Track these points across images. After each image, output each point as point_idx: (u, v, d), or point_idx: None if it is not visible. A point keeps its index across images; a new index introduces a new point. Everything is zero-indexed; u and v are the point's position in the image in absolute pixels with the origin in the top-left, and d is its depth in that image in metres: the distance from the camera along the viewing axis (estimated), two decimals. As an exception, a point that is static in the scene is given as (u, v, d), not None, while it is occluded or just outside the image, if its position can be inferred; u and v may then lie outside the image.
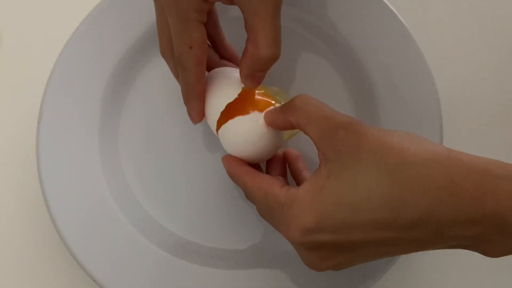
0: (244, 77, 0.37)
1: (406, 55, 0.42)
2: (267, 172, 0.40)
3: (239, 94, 0.37)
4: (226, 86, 0.38)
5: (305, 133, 0.34)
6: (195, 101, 0.38)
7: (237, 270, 0.42)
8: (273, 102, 0.38)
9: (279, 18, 0.35)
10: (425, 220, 0.30)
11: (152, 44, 0.45)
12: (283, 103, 0.37)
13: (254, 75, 0.36)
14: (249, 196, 0.37)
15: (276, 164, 0.40)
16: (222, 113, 0.38)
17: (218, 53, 0.42)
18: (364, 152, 0.31)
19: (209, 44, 0.41)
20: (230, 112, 0.38)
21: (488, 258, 0.31)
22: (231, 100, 0.37)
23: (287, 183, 0.37)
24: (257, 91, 0.39)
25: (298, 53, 0.45)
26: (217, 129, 0.39)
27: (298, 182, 0.39)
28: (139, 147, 0.44)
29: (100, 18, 0.43)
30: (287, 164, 0.40)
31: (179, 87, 0.38)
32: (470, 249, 0.32)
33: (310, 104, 0.34)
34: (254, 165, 0.39)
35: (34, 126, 0.42)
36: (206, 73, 0.39)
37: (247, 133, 0.37)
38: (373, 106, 0.43)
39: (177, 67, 0.37)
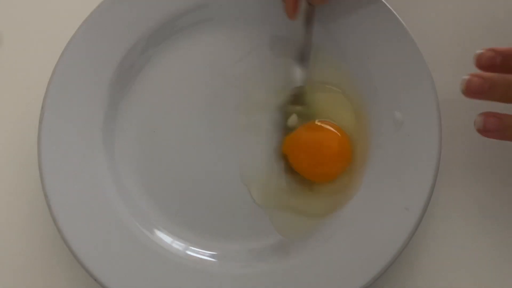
0: None
1: (405, 56, 0.42)
2: None
3: None
4: None
5: None
6: None
7: (238, 269, 0.42)
8: None
9: None
10: None
11: (153, 44, 0.45)
12: None
13: None
14: None
15: None
16: None
17: None
18: None
19: None
20: None
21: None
22: None
23: None
24: None
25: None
26: None
27: None
28: (143, 146, 0.44)
29: (102, 17, 0.43)
30: None
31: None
32: None
33: None
34: None
35: (36, 125, 0.42)
36: None
37: None
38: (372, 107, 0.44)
39: None
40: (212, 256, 0.43)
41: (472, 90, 0.38)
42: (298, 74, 0.44)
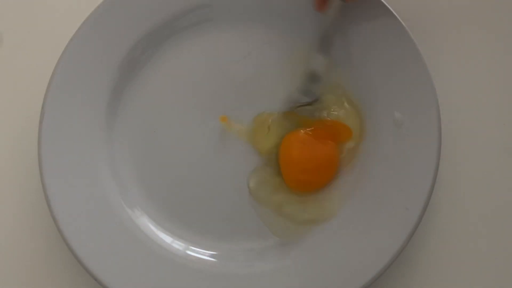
0: None
1: (405, 56, 0.42)
2: None
3: None
4: None
5: None
6: None
7: (238, 269, 0.42)
8: None
9: None
10: None
11: (153, 44, 0.45)
12: None
13: None
14: None
15: None
16: None
17: None
18: None
19: None
20: None
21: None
22: None
23: None
24: None
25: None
26: None
27: None
28: (143, 147, 0.44)
29: (102, 18, 0.43)
30: None
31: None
32: None
33: None
34: None
35: (36, 125, 0.42)
36: None
37: None
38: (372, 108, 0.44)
39: None
40: (212, 256, 0.43)
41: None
42: (318, 63, 0.44)
